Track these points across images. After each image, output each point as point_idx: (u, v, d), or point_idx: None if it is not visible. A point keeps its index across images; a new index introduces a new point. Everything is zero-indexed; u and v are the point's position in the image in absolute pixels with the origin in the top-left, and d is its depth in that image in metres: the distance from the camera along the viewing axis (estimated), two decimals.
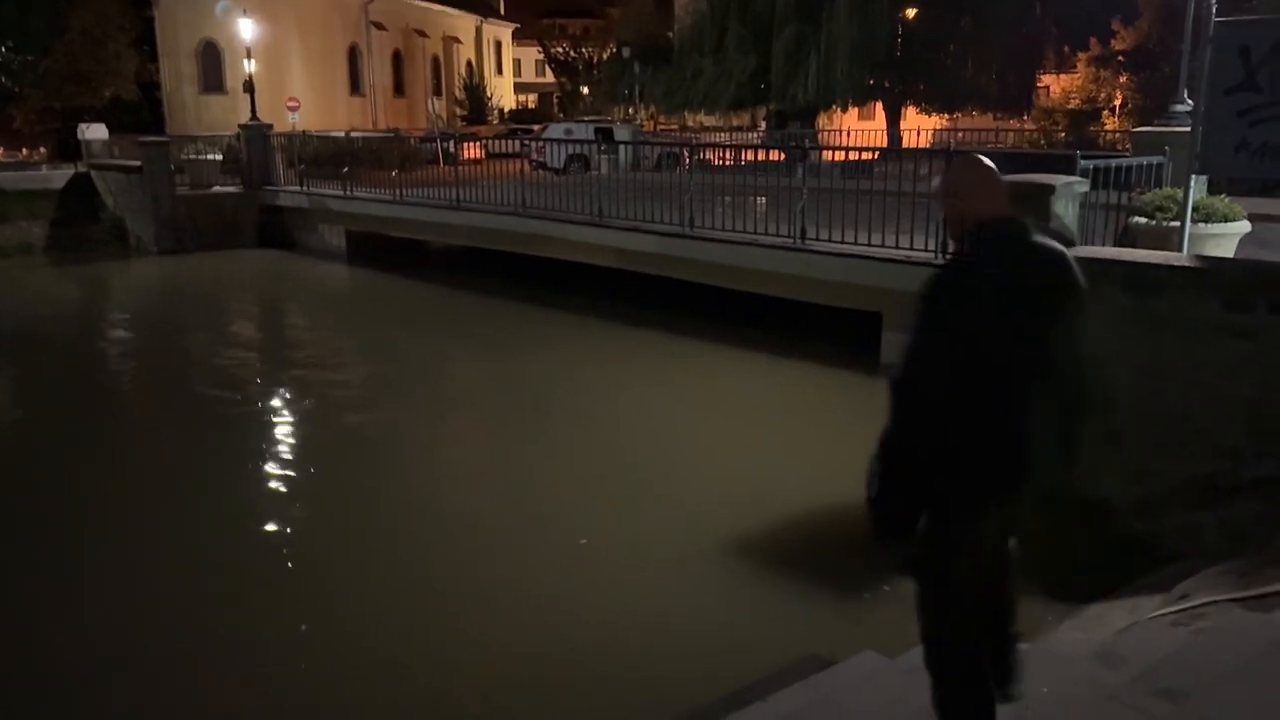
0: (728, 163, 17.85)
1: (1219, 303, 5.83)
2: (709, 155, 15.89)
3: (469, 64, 50.07)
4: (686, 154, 15.18)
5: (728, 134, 29.99)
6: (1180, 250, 6.71)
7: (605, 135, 27.42)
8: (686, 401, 9.46)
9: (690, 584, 5.62)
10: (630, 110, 32.53)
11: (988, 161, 2.78)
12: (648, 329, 12.07)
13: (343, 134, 21.98)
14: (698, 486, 7.10)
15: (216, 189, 20.51)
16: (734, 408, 9.22)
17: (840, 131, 26.71)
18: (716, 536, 6.08)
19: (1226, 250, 7.30)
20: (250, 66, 23.99)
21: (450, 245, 16.85)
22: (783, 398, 9.48)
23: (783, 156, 22.53)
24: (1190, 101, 7.19)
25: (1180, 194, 6.93)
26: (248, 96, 23.28)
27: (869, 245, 9.87)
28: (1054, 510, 2.87)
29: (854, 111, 29.06)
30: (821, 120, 28.57)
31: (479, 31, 52.45)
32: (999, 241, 2.62)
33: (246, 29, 24.30)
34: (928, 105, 27.00)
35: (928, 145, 24.20)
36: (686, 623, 5.20)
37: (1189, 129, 6.75)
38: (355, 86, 41.59)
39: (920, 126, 27.19)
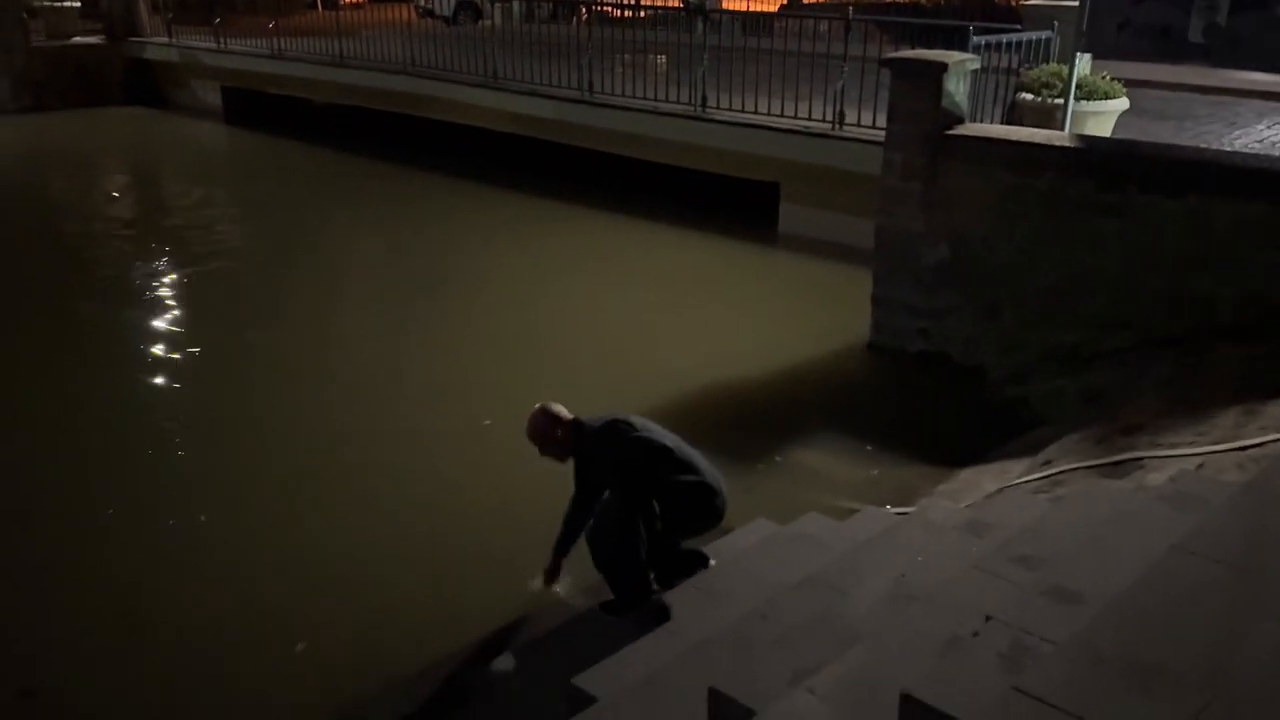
0: (627, 15, 17.32)
1: (1093, 183, 6.14)
2: (607, 8, 15.35)
3: None
4: (584, 9, 14.66)
5: None
6: (1063, 128, 6.97)
7: None
8: (589, 274, 9.48)
9: None
10: None
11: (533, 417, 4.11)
12: (547, 198, 11.92)
13: None
14: (601, 361, 7.23)
15: (77, 40, 18.90)
16: (637, 280, 9.28)
17: None
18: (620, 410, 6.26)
19: (1106, 127, 7.62)
20: None
21: (338, 103, 16.08)
22: (685, 270, 9.59)
23: (681, 5, 21.95)
24: None
25: (1066, 70, 7.14)
26: None
27: (769, 115, 9.87)
28: None
29: None
30: None
31: None
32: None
33: None
34: None
35: (829, 0, 23.79)
36: None
37: (1077, 4, 6.90)
38: None
39: None
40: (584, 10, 14.64)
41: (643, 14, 17.37)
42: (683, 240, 10.38)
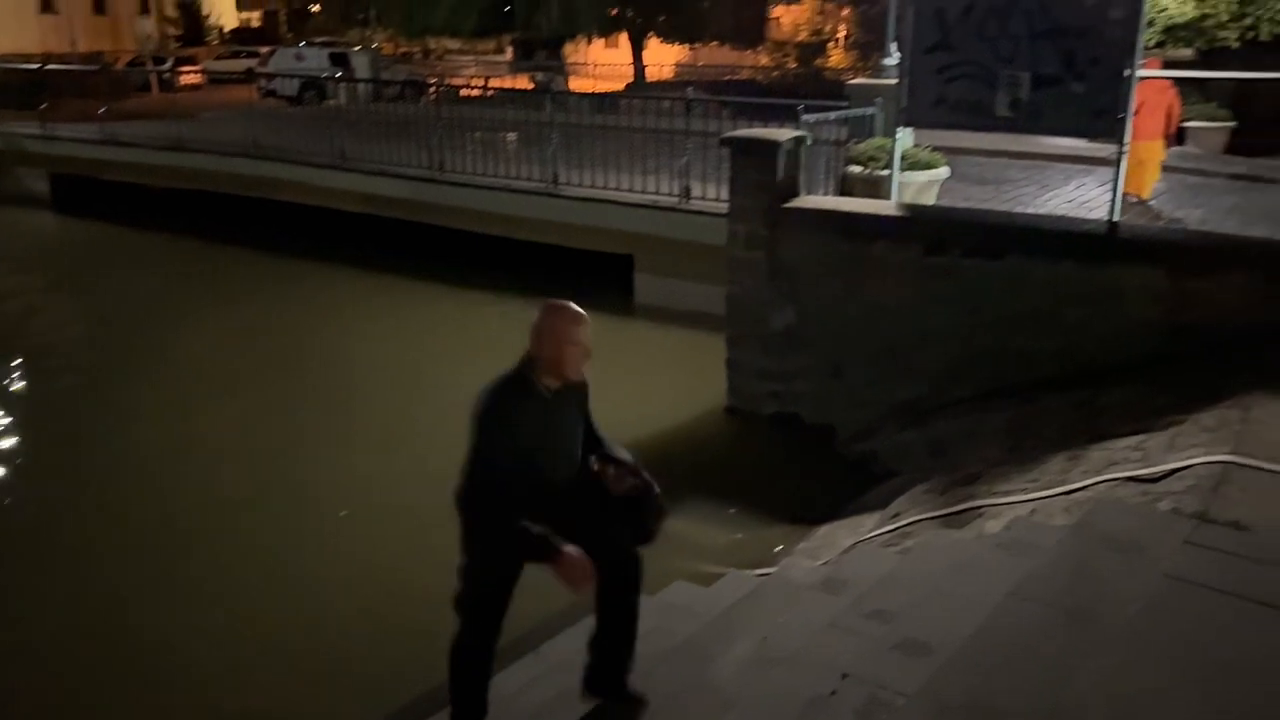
0: (474, 94, 17.51)
1: (921, 248, 6.55)
2: (456, 83, 15.52)
3: None
4: (434, 89, 14.76)
5: (474, 59, 29.32)
6: (890, 197, 7.43)
7: (340, 61, 26.05)
8: (446, 351, 9.39)
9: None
10: (368, 33, 30.99)
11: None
12: (399, 276, 11.79)
13: (37, 63, 19.56)
14: (461, 439, 7.16)
15: None
16: (496, 356, 9.23)
17: (588, 63, 26.82)
18: None
19: (930, 195, 8.16)
20: None
21: (178, 188, 15.53)
22: None
23: (532, 85, 22.36)
24: (897, 56, 7.86)
25: (890, 144, 7.64)
26: None
27: (619, 190, 10.12)
28: None
29: (601, 42, 29.22)
30: (568, 50, 28.54)
31: None
32: None
33: None
34: (669, 37, 27.61)
35: (671, 78, 24.80)
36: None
37: (897, 82, 7.42)
38: (46, 3, 36.85)
39: (663, 61, 27.80)
40: (432, 89, 14.73)
41: (491, 93, 17.63)
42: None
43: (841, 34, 31.29)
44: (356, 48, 27.70)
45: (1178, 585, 3.00)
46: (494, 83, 23.17)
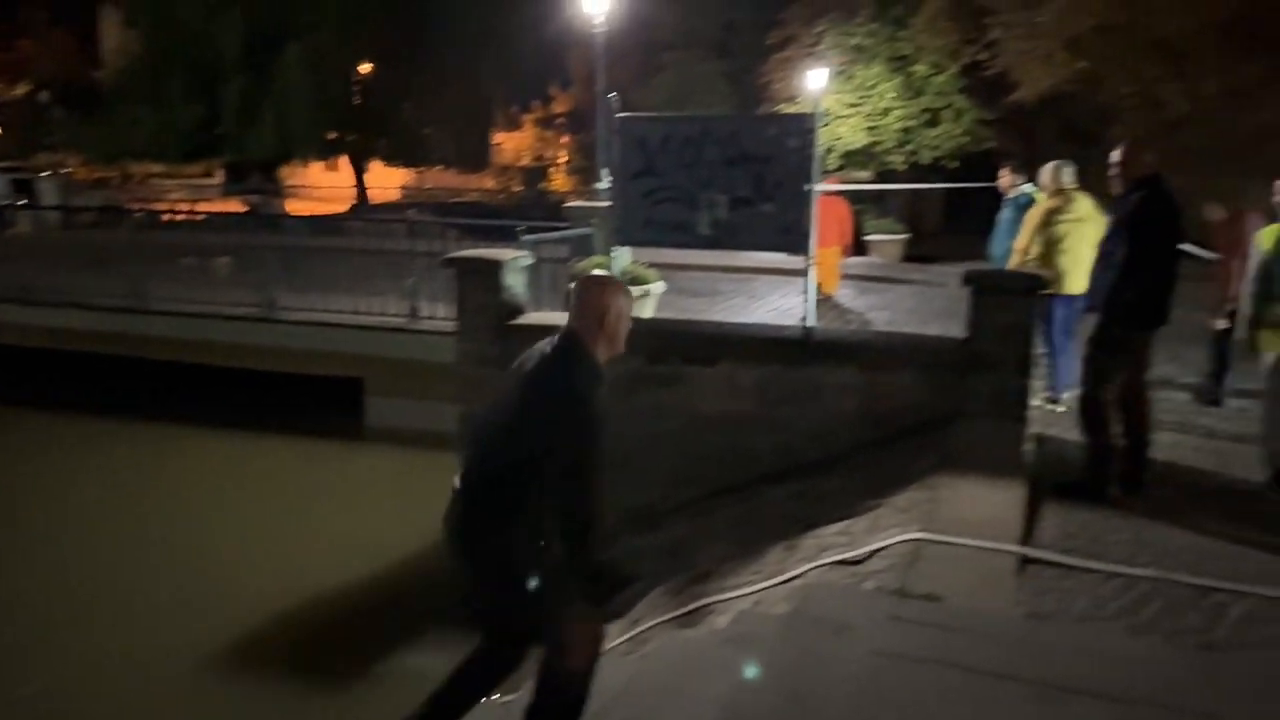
0: (179, 218, 16.61)
1: (644, 358, 6.85)
2: (159, 208, 14.66)
3: None
4: (134, 215, 13.84)
5: (179, 183, 27.86)
6: None
7: (24, 188, 23.87)
8: (159, 496, 8.60)
9: (206, 693, 5.28)
10: (58, 158, 28.71)
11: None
12: (100, 416, 10.73)
13: None
14: (179, 591, 6.55)
15: None
16: (217, 496, 8.59)
17: (307, 185, 26.26)
18: (216, 639, 5.80)
19: (649, 308, 8.59)
20: None
21: None
22: (269, 477, 9.05)
23: (246, 209, 21.56)
24: (609, 181, 8.32)
25: (608, 261, 8.00)
26: None
27: (344, 312, 9.88)
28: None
29: (321, 164, 28.77)
30: (285, 172, 27.83)
31: None
32: None
33: None
34: (392, 160, 27.69)
35: (397, 200, 24.78)
36: None
37: (609, 204, 7.84)
38: None
39: (388, 184, 27.79)
40: (133, 215, 13.82)
41: (201, 218, 16.80)
42: (264, 446, 9.83)
43: (563, 159, 32.79)
44: (45, 173, 25.50)
45: (885, 660, 3.24)
46: (203, 207, 22.13)
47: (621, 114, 7.16)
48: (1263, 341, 5.32)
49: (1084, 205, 6.86)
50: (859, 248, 15.85)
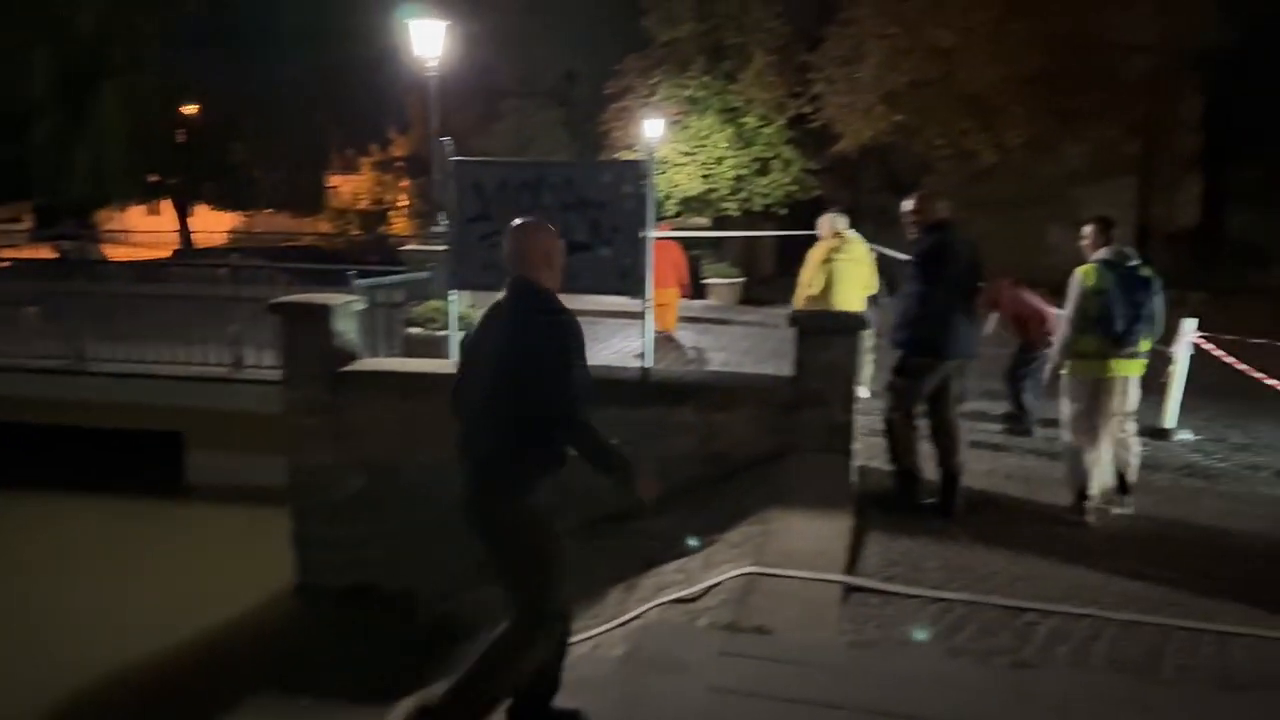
0: None
1: None
2: None
3: None
4: None
5: None
6: (448, 356, 7.63)
7: None
8: None
9: None
10: None
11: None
12: None
13: None
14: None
15: None
16: (23, 564, 7.92)
17: (126, 230, 24.84)
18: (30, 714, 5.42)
19: None
20: None
21: None
22: (80, 541, 8.39)
23: (57, 255, 20.19)
24: (447, 224, 8.23)
25: (444, 306, 7.89)
26: None
27: (162, 363, 9.33)
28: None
29: (142, 208, 27.29)
30: (102, 217, 26.23)
31: None
32: None
33: None
34: (219, 204, 26.56)
35: (226, 245, 23.78)
36: None
37: (446, 248, 7.75)
38: None
39: (217, 228, 26.62)
40: None
41: (6, 264, 15.64)
42: (78, 506, 9.14)
43: (403, 202, 32.23)
44: None
45: (716, 696, 3.27)
46: (8, 253, 20.56)
47: (455, 158, 7.12)
48: (1073, 368, 5.71)
49: (856, 248, 7.92)
50: (697, 291, 16.26)
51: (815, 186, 18.70)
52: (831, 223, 8.09)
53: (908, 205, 5.70)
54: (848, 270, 7.80)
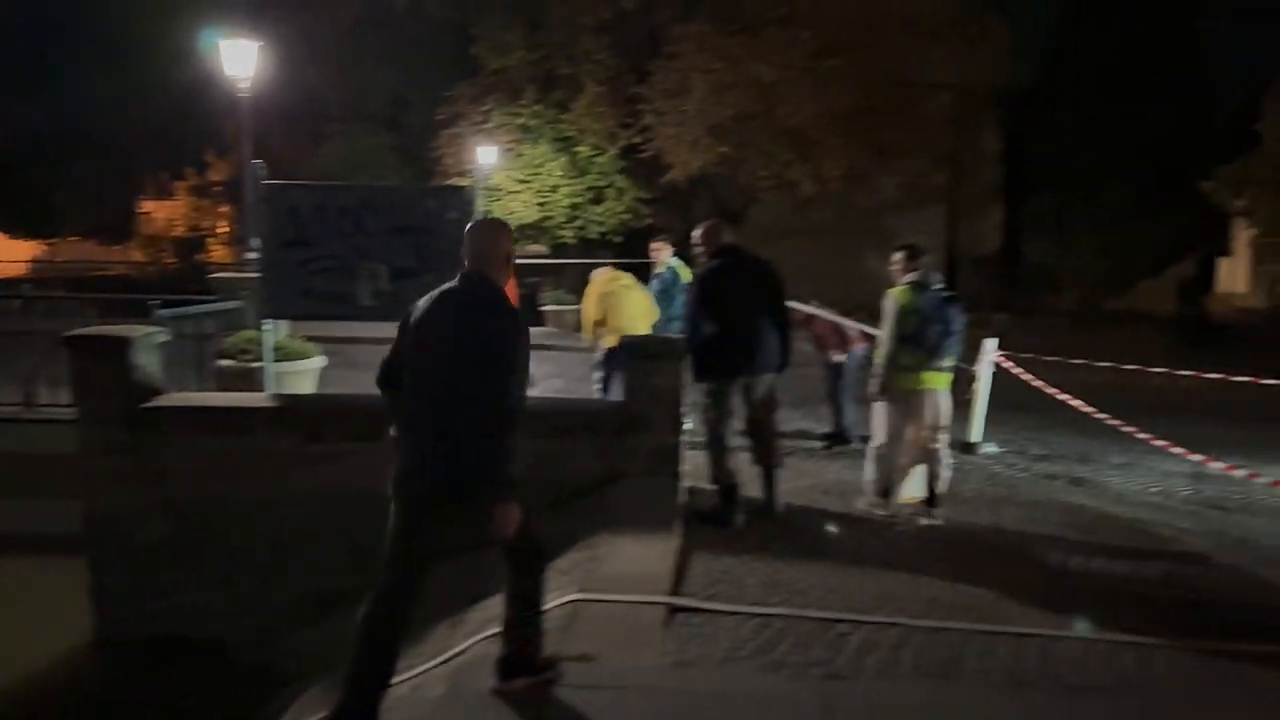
0: None
1: (300, 436, 6.47)
2: None
3: None
4: None
5: None
6: (264, 389, 7.28)
7: None
8: None
9: None
10: None
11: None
12: None
13: None
14: None
15: None
16: None
17: None
18: None
19: (309, 384, 8.16)
20: None
21: None
22: None
23: None
24: (259, 250, 7.88)
25: (259, 336, 7.53)
26: None
27: None
28: None
29: None
30: None
31: None
32: None
33: None
34: (15, 232, 24.60)
35: (25, 275, 22.01)
36: None
37: (260, 275, 7.40)
38: None
39: (15, 256, 24.57)
40: None
41: None
42: None
43: (222, 229, 30.73)
44: None
45: None
46: None
47: (267, 181, 6.84)
48: (897, 381, 5.98)
49: (628, 277, 8.26)
50: (535, 318, 16.22)
51: (648, 215, 19.04)
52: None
53: (695, 235, 6.08)
54: (627, 297, 7.96)
